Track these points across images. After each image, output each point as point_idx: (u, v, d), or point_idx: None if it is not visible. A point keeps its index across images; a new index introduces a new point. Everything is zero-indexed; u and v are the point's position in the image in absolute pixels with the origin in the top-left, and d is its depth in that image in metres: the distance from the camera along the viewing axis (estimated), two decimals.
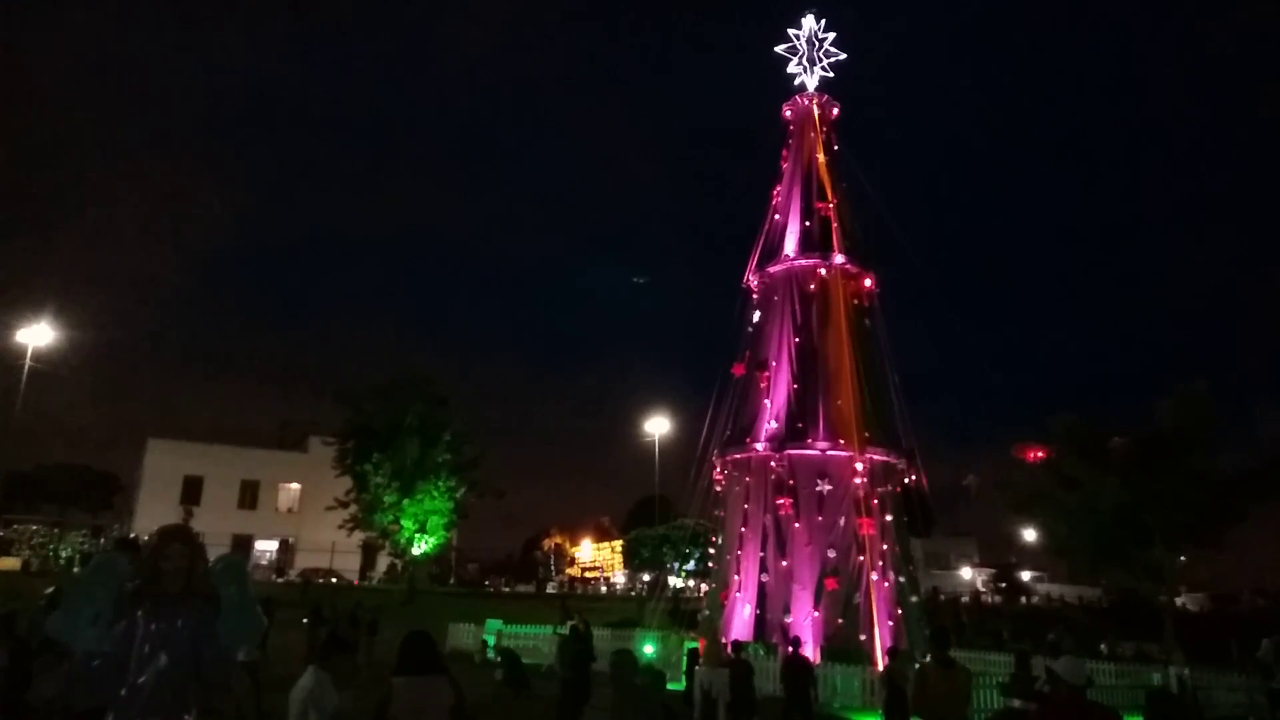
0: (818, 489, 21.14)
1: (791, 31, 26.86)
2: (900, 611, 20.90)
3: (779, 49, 26.90)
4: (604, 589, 63.11)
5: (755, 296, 24.73)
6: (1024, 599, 61.05)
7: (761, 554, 21.34)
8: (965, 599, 51.27)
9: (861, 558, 20.54)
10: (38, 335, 38.26)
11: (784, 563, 20.91)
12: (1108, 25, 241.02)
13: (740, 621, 21.00)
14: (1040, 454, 31.21)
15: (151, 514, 47.78)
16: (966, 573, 71.59)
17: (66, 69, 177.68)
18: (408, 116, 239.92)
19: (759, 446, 22.23)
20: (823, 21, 26.70)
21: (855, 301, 23.74)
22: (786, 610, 20.44)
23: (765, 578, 21.11)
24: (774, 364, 23.07)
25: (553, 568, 73.70)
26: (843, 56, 26.56)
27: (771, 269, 24.35)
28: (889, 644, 18.20)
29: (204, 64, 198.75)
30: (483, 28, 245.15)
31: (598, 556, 74.95)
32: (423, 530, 39.10)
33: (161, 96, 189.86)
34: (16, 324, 38.11)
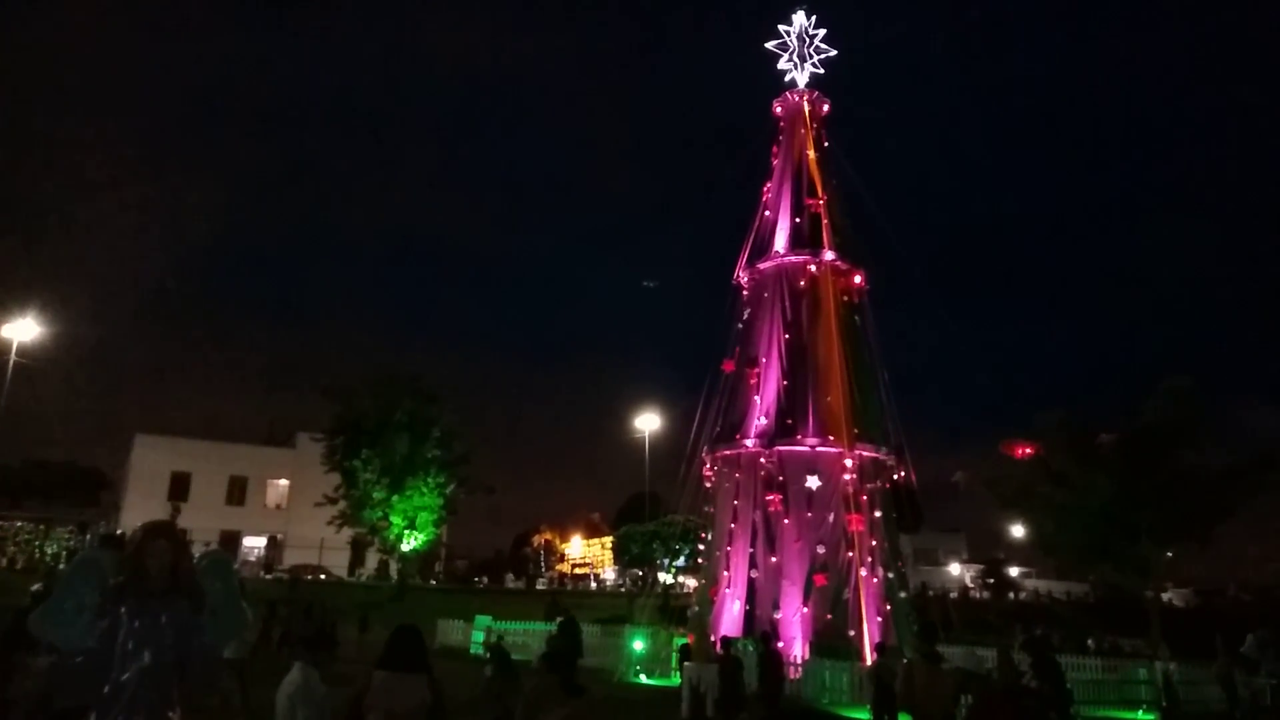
0: (807, 485, 21.16)
1: (782, 28, 26.85)
2: (889, 607, 20.96)
3: (769, 45, 26.88)
4: (594, 585, 63.14)
5: (745, 293, 24.74)
6: (1012, 595, 61.47)
7: (751, 550, 21.36)
8: (954, 595, 51.53)
9: (850, 554, 20.59)
10: (23, 330, 37.96)
11: (773, 559, 20.94)
12: (1098, 23, 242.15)
13: (730, 617, 21.02)
14: (1028, 450, 31.35)
15: (139, 510, 47.45)
16: (955, 569, 71.95)
17: (56, 65, 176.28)
18: (399, 113, 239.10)
19: (749, 443, 22.24)
20: (813, 18, 26.69)
21: (845, 298, 23.77)
22: (776, 606, 20.47)
23: (755, 574, 21.13)
24: (764, 360, 23.08)
25: (542, 564, 73.64)
26: (833, 53, 26.55)
27: (761, 266, 24.35)
28: (877, 640, 18.26)
29: (194, 60, 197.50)
30: (473, 24, 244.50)
31: (588, 553, 74.97)
32: (412, 526, 39.00)
33: (152, 92, 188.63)
34: (2, 319, 37.82)
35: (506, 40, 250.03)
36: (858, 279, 24.11)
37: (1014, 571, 70.48)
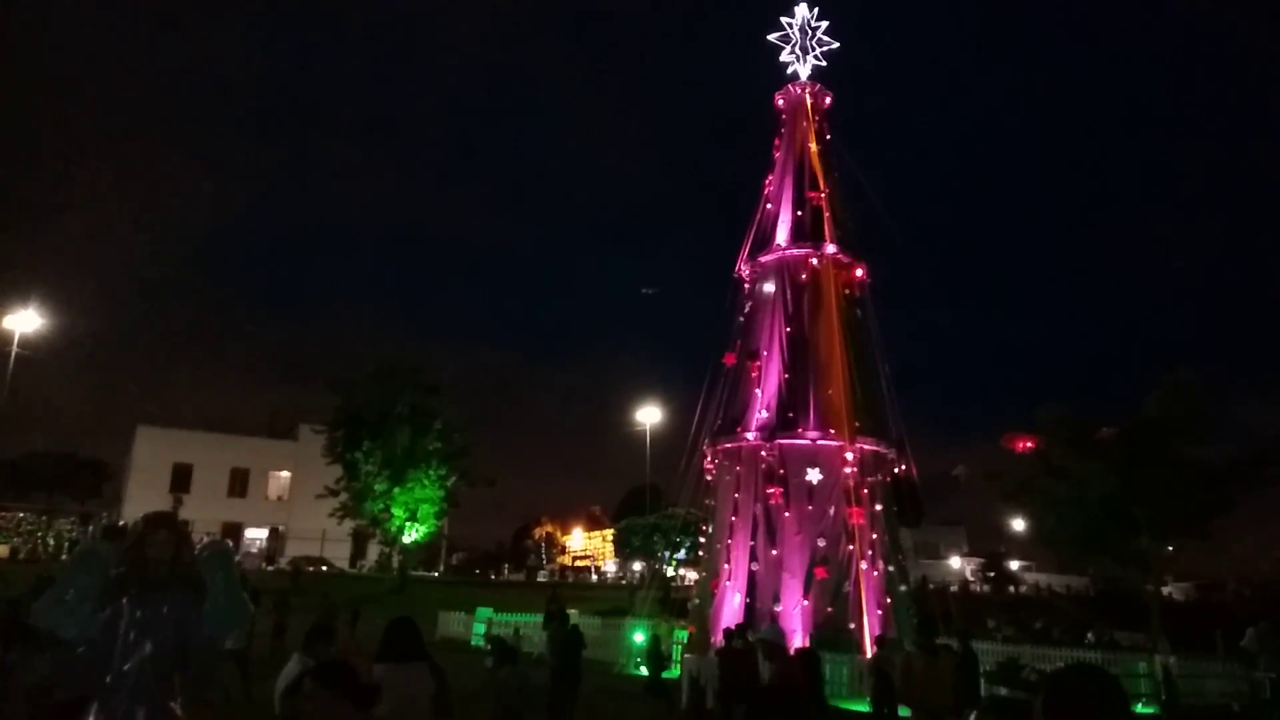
0: (808, 478, 21.16)
1: (784, 20, 26.70)
2: (889, 600, 20.99)
3: (772, 37, 26.75)
4: (594, 578, 63.30)
5: (747, 286, 24.71)
6: (1012, 588, 61.53)
7: (751, 543, 21.37)
8: (954, 588, 51.59)
9: (851, 547, 20.60)
10: (25, 321, 38.01)
11: (774, 552, 20.95)
12: (1102, 16, 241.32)
13: (730, 610, 21.04)
14: (1029, 444, 31.38)
15: (141, 501, 47.57)
16: (956, 562, 72.06)
17: (57, 57, 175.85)
18: (398, 105, 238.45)
19: (750, 436, 22.24)
20: (815, 10, 26.54)
21: (846, 291, 23.72)
22: (776, 599, 20.50)
23: (755, 566, 21.14)
24: (765, 353, 23.06)
25: (543, 556, 73.82)
26: (836, 45, 26.42)
27: (763, 258, 24.31)
28: (877, 633, 18.29)
29: (195, 54, 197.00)
30: (473, 16, 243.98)
31: (588, 545, 75.16)
32: (413, 519, 39.08)
33: (153, 85, 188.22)
34: (4, 310, 37.86)
35: (507, 34, 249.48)
36: (859, 272, 24.06)
37: (1014, 565, 70.60)
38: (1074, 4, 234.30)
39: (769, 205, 25.10)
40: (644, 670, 19.35)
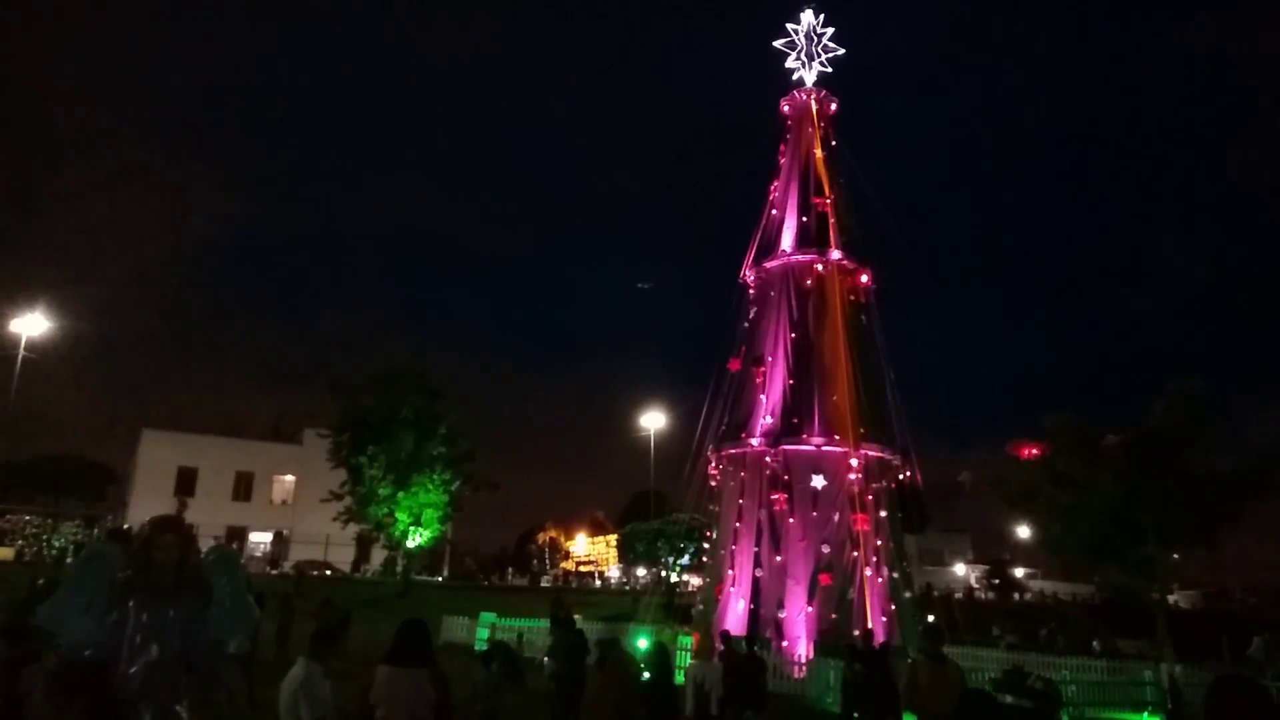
0: (812, 484, 21.15)
1: (790, 26, 26.81)
2: (894, 607, 20.95)
3: (778, 44, 26.85)
4: (598, 583, 63.21)
5: (751, 292, 24.72)
6: (1017, 595, 61.33)
7: (756, 549, 21.35)
8: (959, 595, 51.43)
9: (855, 553, 20.57)
10: (32, 325, 38.13)
11: (778, 558, 20.93)
12: (1108, 26, 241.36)
13: (734, 616, 21.02)
14: (1034, 451, 31.22)
15: (146, 505, 47.64)
16: (960, 569, 71.85)
17: (65, 63, 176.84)
18: (404, 113, 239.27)
19: (754, 442, 22.22)
20: (821, 16, 26.64)
21: (851, 297, 23.73)
22: (780, 605, 20.47)
23: (759, 573, 21.12)
24: (770, 359, 23.06)
25: (547, 561, 73.74)
26: (841, 52, 26.52)
27: (768, 264, 24.34)
28: (882, 640, 18.23)
29: (202, 60, 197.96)
30: (478, 24, 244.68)
31: (592, 550, 75.10)
32: (417, 523, 39.07)
33: (160, 91, 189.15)
34: (10, 314, 38.01)
35: (511, 40, 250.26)
36: (864, 278, 24.06)
37: (1019, 572, 70.38)
38: (1082, 9, 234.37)
39: (774, 211, 25.14)
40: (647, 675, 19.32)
